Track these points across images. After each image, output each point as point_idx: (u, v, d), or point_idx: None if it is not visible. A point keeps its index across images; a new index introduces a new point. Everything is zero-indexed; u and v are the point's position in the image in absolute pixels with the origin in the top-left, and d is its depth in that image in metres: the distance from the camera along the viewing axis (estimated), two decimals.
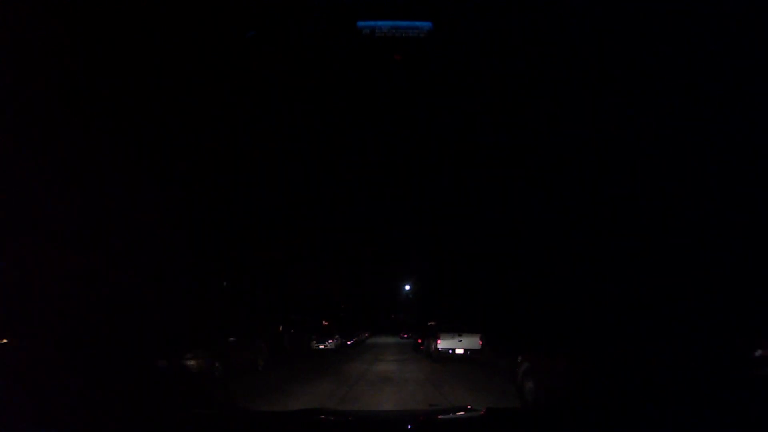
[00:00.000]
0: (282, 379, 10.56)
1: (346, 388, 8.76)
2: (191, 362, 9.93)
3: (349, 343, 29.46)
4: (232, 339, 12.05)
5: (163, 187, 14.09)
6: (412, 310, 56.47)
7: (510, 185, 18.45)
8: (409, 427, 2.31)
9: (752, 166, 8.93)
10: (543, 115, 13.40)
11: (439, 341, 14.56)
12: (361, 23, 7.47)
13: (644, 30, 8.99)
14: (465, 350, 14.41)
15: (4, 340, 9.51)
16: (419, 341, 21.74)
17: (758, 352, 3.54)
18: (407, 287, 46.45)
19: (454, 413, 3.02)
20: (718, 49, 8.49)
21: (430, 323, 31.27)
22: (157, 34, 10.54)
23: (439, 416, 2.83)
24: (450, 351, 14.42)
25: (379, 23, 7.45)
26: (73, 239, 10.58)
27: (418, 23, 7.51)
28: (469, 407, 3.51)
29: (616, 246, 13.82)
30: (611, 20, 9.01)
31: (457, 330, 14.84)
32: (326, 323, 35.51)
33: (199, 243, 16.29)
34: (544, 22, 9.40)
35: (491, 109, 14.41)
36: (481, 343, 14.43)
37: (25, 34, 8.89)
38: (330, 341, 23.54)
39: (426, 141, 20.10)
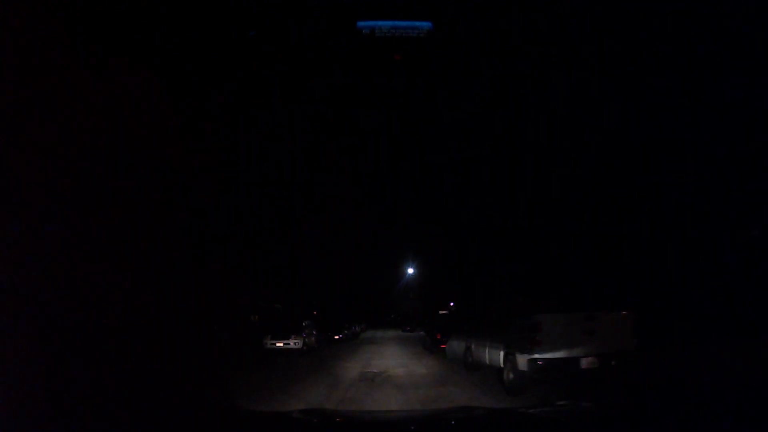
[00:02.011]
0: None
1: None
2: None
3: (336, 338, 22.59)
4: None
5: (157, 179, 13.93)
6: (417, 297, 50.82)
7: (510, 185, 18.42)
8: (412, 428, 2.31)
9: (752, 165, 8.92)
10: (543, 114, 13.43)
11: (537, 341, 6.26)
12: (361, 23, 7.49)
13: (645, 29, 9.00)
14: (600, 357, 6.33)
15: None
16: (438, 337, 14.35)
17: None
18: (410, 271, 39.39)
19: (455, 414, 3.01)
20: (719, 48, 8.49)
21: (441, 312, 28.25)
22: (157, 35, 10.55)
23: (440, 417, 2.83)
24: (572, 364, 6.24)
25: (379, 23, 7.46)
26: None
27: (418, 23, 7.52)
28: (469, 407, 3.51)
29: None
30: (611, 20, 9.02)
31: (577, 306, 7.33)
32: (315, 313, 30.67)
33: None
34: (544, 22, 9.41)
35: (491, 109, 14.44)
36: (632, 329, 6.67)
37: (25, 34, 8.89)
38: (295, 338, 15.39)
39: (426, 141, 20.15)
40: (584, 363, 6.24)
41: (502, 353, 7.14)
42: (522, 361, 6.42)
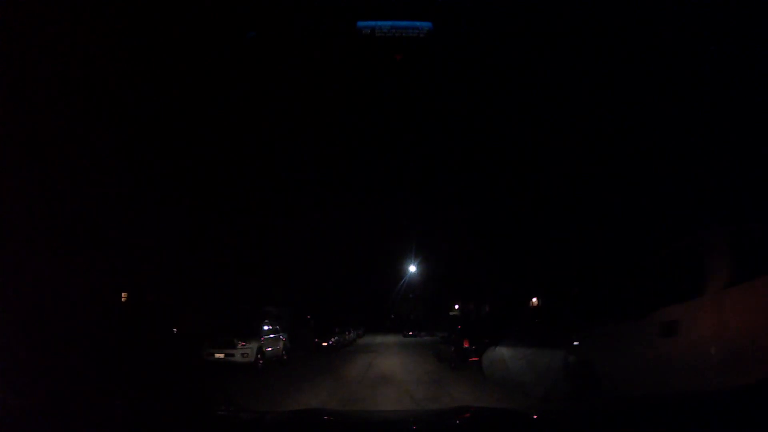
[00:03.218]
0: None
1: None
2: None
3: (325, 345, 18.79)
4: None
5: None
6: (419, 298, 46.12)
7: (508, 186, 18.34)
8: (414, 428, 2.29)
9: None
10: (543, 113, 13.43)
11: None
12: (361, 23, 7.49)
13: (646, 29, 9.00)
14: None
15: None
16: (465, 344, 10.30)
17: None
18: (412, 269, 35.00)
19: (456, 413, 3.00)
20: (719, 48, 8.49)
21: (452, 313, 24.58)
22: (157, 36, 10.56)
23: (441, 417, 2.82)
24: None
25: (379, 23, 7.47)
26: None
27: (418, 23, 7.52)
28: (470, 407, 3.50)
29: None
30: (611, 19, 9.02)
31: None
32: (308, 317, 27.53)
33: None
34: (544, 21, 9.42)
35: (490, 109, 14.45)
36: None
37: (26, 34, 8.90)
38: (245, 347, 10.73)
39: (426, 140, 20.17)
40: None
41: None
42: None
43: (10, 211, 9.65)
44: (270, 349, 11.71)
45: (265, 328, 12.29)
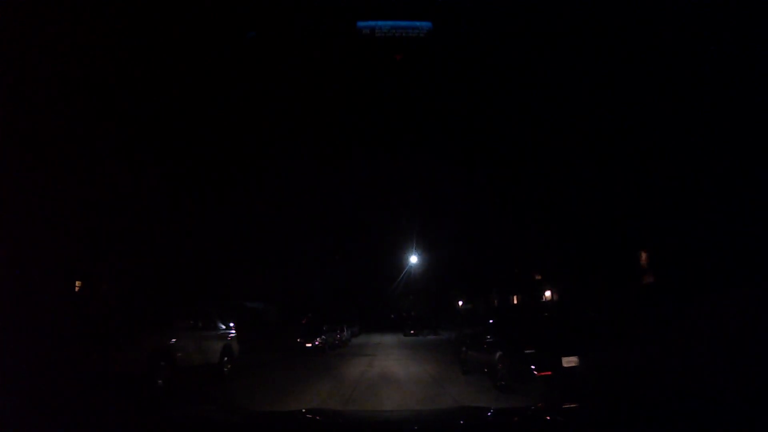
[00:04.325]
0: None
1: None
2: None
3: (309, 346, 15.84)
4: None
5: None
6: (420, 292, 42.24)
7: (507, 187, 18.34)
8: (415, 428, 2.29)
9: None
10: (542, 112, 13.45)
11: None
12: (361, 23, 7.50)
13: (643, 29, 9.01)
14: None
15: None
16: (525, 351, 6.21)
17: None
18: (413, 260, 31.65)
19: (457, 413, 3.00)
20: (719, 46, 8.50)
21: (456, 307, 23.06)
22: (157, 36, 10.56)
23: (443, 416, 2.82)
24: None
25: (379, 23, 7.47)
26: None
27: (418, 23, 7.53)
28: (470, 407, 3.50)
29: None
30: (611, 19, 9.03)
31: None
32: (309, 315, 25.37)
33: None
34: (543, 21, 9.43)
35: (490, 108, 14.46)
36: None
37: (27, 34, 8.90)
38: (130, 352, 5.99)
39: (426, 139, 20.19)
40: None
41: None
42: None
43: None
44: (187, 355, 7.19)
45: (212, 322, 8.26)
